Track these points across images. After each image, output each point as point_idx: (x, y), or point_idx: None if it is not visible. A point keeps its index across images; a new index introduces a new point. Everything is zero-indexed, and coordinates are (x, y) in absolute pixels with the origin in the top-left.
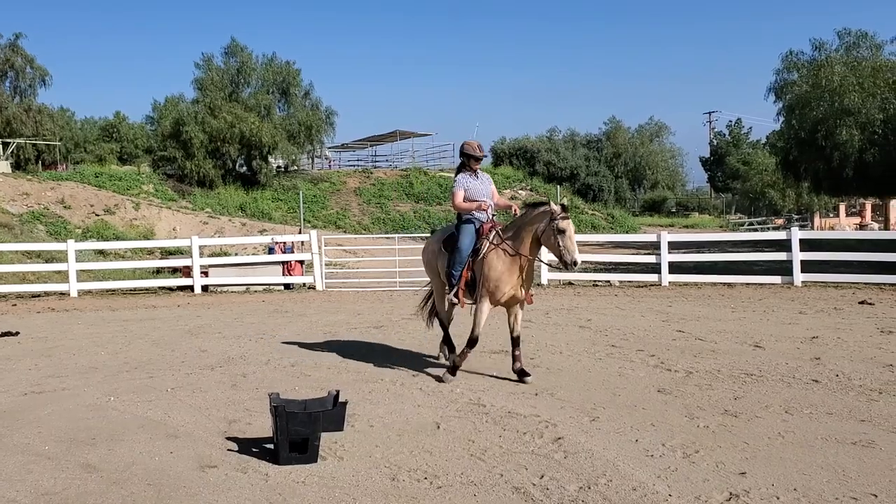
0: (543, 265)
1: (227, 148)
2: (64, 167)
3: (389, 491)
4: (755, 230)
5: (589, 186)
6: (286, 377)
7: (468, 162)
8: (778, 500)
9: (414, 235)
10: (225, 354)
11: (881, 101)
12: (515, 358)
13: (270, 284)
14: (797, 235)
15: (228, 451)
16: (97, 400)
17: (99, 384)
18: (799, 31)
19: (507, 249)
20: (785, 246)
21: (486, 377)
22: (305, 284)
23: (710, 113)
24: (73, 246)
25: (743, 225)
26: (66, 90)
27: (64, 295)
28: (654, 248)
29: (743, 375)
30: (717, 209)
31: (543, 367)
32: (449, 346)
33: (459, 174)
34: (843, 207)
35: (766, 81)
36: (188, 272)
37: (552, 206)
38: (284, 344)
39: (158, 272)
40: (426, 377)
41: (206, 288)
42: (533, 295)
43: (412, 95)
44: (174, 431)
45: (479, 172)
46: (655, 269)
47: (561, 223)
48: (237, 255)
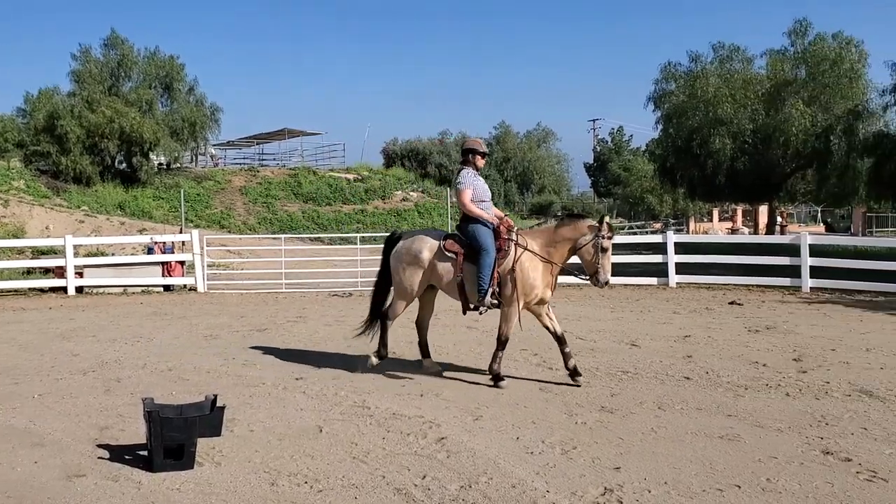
0: None
1: (105, 144)
2: None
3: (268, 496)
4: (634, 233)
5: None
6: (163, 381)
7: (472, 158)
8: (649, 493)
9: (302, 236)
10: (98, 358)
11: (751, 111)
12: (566, 356)
13: (149, 286)
14: (672, 239)
15: (99, 458)
16: None
17: None
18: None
19: (539, 255)
20: (661, 249)
21: (372, 379)
22: (186, 286)
23: (594, 120)
24: None
25: (623, 228)
26: None
27: None
28: None
29: (619, 373)
30: (599, 213)
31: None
32: (382, 342)
33: (464, 171)
34: (716, 212)
35: (646, 91)
36: (61, 273)
37: (604, 224)
38: (162, 347)
39: (29, 273)
40: (310, 380)
41: (80, 289)
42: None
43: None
44: (40, 440)
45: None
46: None
47: (605, 242)
48: (114, 254)
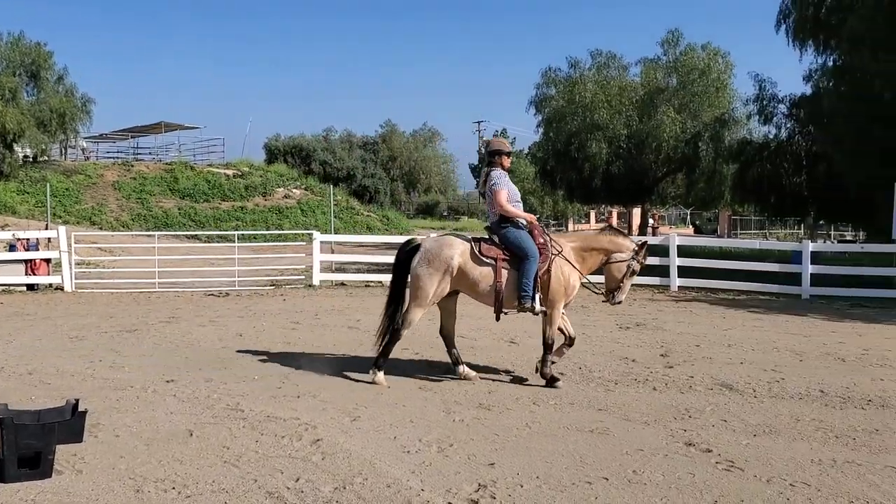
0: (318, 264)
1: None
2: None
3: (132, 503)
4: None
5: (365, 188)
6: (21, 386)
7: (499, 159)
8: (522, 487)
9: (177, 233)
10: None
11: (626, 118)
12: (559, 352)
13: (11, 285)
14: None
15: None
16: None
17: None
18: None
19: (571, 262)
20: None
21: (247, 381)
22: (52, 285)
23: (479, 122)
24: None
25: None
26: None
27: None
28: None
29: (498, 371)
30: (484, 213)
31: (307, 369)
32: (384, 353)
33: (496, 172)
34: (593, 214)
35: (528, 95)
36: None
37: (645, 248)
38: (22, 350)
39: None
40: (181, 383)
41: None
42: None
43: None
44: None
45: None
46: None
47: (637, 266)
48: None
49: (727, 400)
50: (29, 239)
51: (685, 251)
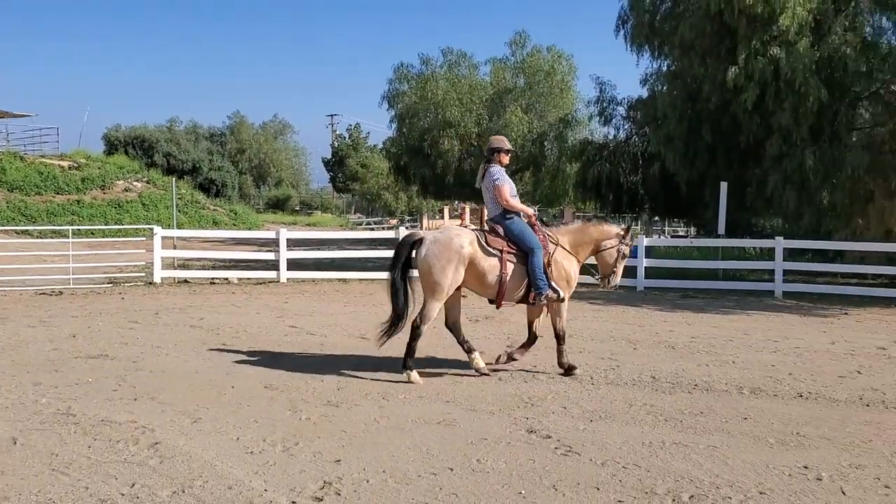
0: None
1: None
2: None
3: None
4: (372, 229)
5: (212, 181)
6: None
7: (497, 156)
8: (368, 482)
9: (6, 228)
10: None
11: (477, 116)
12: (525, 347)
13: None
14: (404, 234)
15: None
16: None
17: None
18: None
19: (570, 252)
20: (394, 244)
21: (80, 385)
22: None
23: (332, 116)
24: None
25: (361, 224)
26: None
27: None
28: (274, 245)
29: (348, 367)
30: (338, 209)
31: (146, 370)
32: (409, 352)
33: (496, 169)
34: (447, 210)
35: (382, 89)
36: None
37: (629, 233)
38: None
39: None
40: (5, 388)
41: None
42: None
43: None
44: None
45: None
46: (275, 266)
47: (626, 249)
48: None
49: (567, 388)
50: None
51: None
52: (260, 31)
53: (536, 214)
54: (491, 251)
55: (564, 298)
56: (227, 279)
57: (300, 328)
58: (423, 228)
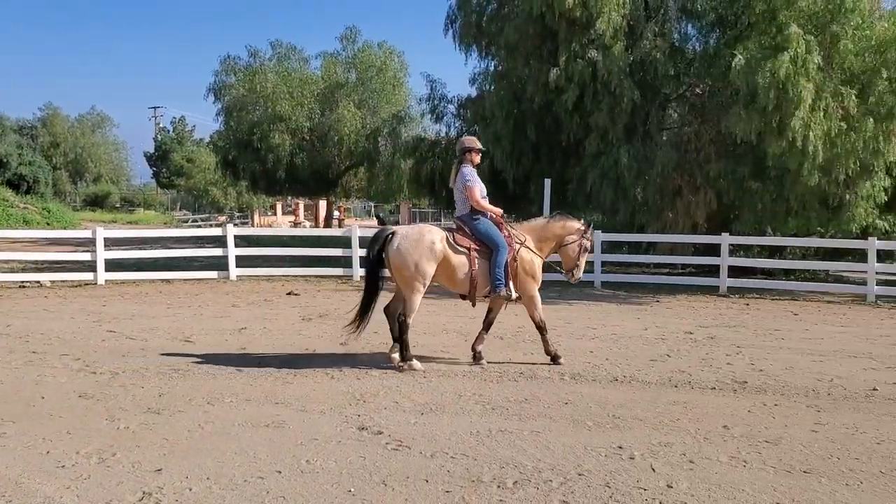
0: None
1: None
2: None
3: None
4: (199, 227)
5: (22, 177)
6: None
7: (469, 156)
8: (190, 490)
9: None
10: None
11: (308, 110)
12: (481, 339)
13: None
14: (232, 232)
15: None
16: None
17: None
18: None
19: (534, 250)
20: (223, 242)
21: None
22: None
23: (155, 108)
24: None
25: (187, 222)
26: None
27: None
28: (91, 245)
29: (171, 371)
30: (163, 206)
31: None
32: (404, 345)
33: (468, 169)
34: (279, 206)
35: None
36: None
37: (590, 228)
38: None
39: None
40: None
41: None
42: None
43: None
44: None
45: None
46: (92, 267)
47: (587, 243)
48: None
49: (399, 382)
50: None
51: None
52: (74, 16)
53: (504, 215)
54: (459, 249)
55: (519, 298)
56: (38, 282)
57: (119, 332)
58: (253, 225)
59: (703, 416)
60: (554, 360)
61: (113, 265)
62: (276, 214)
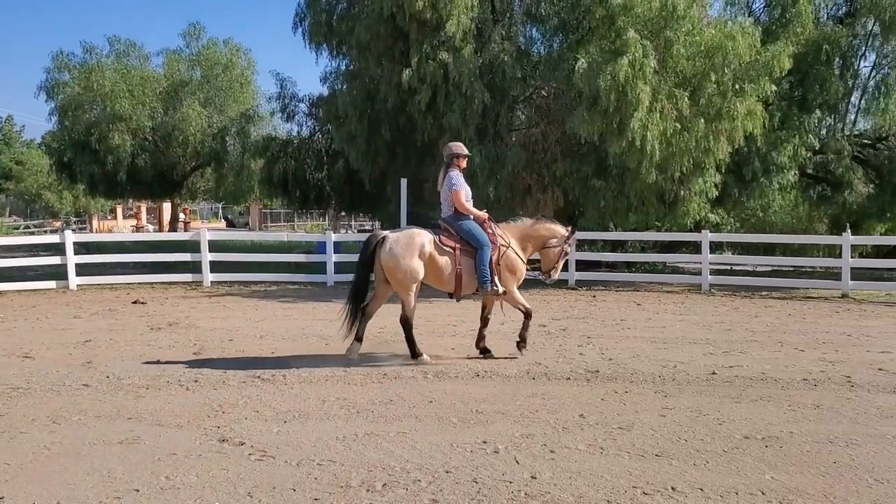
0: None
1: None
2: None
3: None
4: (32, 233)
5: None
6: None
7: (456, 161)
8: None
9: None
10: None
11: (151, 109)
12: (482, 337)
13: None
14: (71, 238)
15: None
16: None
17: None
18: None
19: (517, 251)
20: (61, 249)
21: None
22: None
23: None
24: None
25: (18, 228)
26: None
27: None
28: None
29: (9, 390)
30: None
31: None
32: (413, 345)
33: (454, 173)
34: (120, 210)
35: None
36: None
37: (574, 232)
38: None
39: None
40: None
41: None
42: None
43: None
44: None
45: None
46: None
47: (568, 248)
48: None
49: (259, 391)
50: None
51: (217, 246)
52: None
53: (489, 217)
54: (445, 249)
55: (505, 293)
56: None
57: None
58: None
59: (560, 406)
60: (521, 342)
61: None
62: (116, 218)
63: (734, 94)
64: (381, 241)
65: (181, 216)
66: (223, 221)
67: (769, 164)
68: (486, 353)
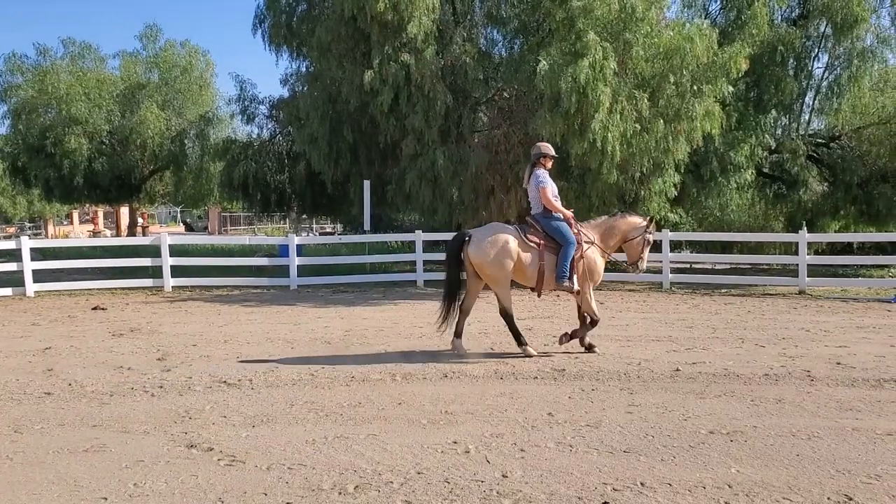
0: None
1: None
2: None
3: None
4: None
5: None
6: None
7: (543, 160)
8: None
9: None
10: None
11: (107, 112)
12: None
13: None
14: (28, 245)
15: None
16: None
17: None
18: (23, 33)
19: (602, 248)
20: (16, 256)
21: None
22: None
23: None
24: None
25: None
26: None
27: None
28: None
29: None
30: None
31: None
32: (518, 335)
33: (541, 171)
34: (76, 215)
35: None
36: None
37: (652, 222)
38: None
39: None
40: None
41: None
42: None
43: None
44: None
45: None
46: None
47: (650, 237)
48: None
49: (226, 395)
50: None
51: (178, 250)
52: None
53: (574, 216)
54: (530, 245)
55: (579, 292)
56: None
57: None
58: (48, 236)
59: (528, 405)
60: (588, 349)
61: None
62: (72, 224)
63: (692, 95)
64: (467, 239)
65: (139, 221)
66: (182, 225)
67: (727, 163)
68: (590, 349)
